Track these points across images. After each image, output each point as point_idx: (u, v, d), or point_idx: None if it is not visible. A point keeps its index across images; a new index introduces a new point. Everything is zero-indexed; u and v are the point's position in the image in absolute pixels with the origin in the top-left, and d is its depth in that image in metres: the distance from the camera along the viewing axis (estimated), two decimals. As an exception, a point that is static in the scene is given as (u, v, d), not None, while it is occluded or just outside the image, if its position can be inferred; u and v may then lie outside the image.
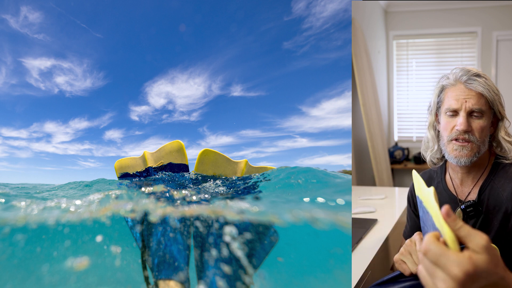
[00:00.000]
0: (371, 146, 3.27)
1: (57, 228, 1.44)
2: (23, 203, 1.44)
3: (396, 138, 4.29)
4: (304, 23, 5.68)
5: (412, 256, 0.91)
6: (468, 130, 0.98)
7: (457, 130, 0.99)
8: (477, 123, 0.99)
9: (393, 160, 4.08)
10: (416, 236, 0.87)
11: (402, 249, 0.93)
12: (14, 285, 1.51)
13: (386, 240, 1.45)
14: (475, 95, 0.98)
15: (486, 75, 1.01)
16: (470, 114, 0.99)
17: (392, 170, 3.99)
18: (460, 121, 0.98)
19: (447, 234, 0.57)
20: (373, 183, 3.46)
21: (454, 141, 1.00)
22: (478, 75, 1.00)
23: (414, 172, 0.81)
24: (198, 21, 6.17)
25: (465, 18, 3.95)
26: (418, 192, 0.79)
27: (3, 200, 1.50)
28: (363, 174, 3.52)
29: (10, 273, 1.54)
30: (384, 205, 1.99)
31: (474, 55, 4.00)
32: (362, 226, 1.54)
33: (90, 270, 1.38)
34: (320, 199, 1.33)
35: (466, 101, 0.98)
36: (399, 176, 4.18)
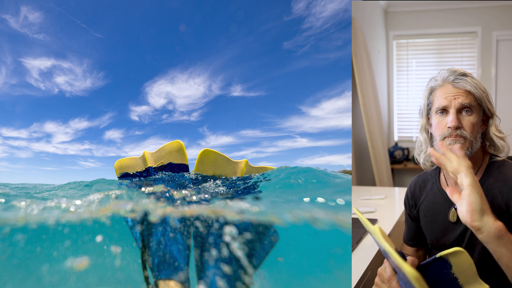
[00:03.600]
0: (371, 146, 3.27)
1: (57, 228, 1.44)
2: (23, 203, 1.44)
3: (396, 138, 4.29)
4: (304, 23, 5.68)
5: (386, 284, 0.91)
6: (459, 126, 1.00)
7: (448, 127, 1.01)
8: (467, 120, 1.01)
9: (393, 160, 4.08)
10: (385, 263, 0.89)
11: (376, 280, 0.94)
12: (14, 285, 1.51)
13: (386, 240, 1.45)
14: (463, 93, 1.01)
15: (472, 74, 1.04)
16: (460, 111, 1.01)
17: (392, 170, 3.99)
18: (450, 119, 1.00)
19: (406, 269, 0.71)
20: (373, 183, 3.46)
21: (446, 139, 1.02)
22: (464, 75, 1.03)
23: (356, 210, 0.90)
24: (198, 21, 6.17)
25: (465, 18, 3.96)
26: (366, 228, 0.86)
27: (3, 200, 1.50)
28: (363, 174, 3.52)
29: (10, 273, 1.54)
30: (384, 205, 1.99)
31: (474, 55, 4.00)
32: (362, 226, 1.54)
33: (90, 270, 1.38)
34: (320, 199, 1.33)
35: (455, 99, 1.01)
36: (399, 176, 4.18)
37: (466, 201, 0.81)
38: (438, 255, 0.81)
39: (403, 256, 0.85)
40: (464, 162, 0.83)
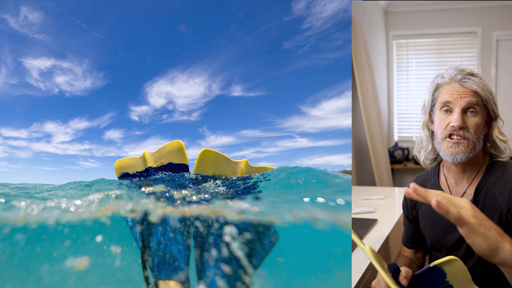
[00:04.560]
0: (371, 146, 3.27)
1: (57, 228, 1.44)
2: (23, 203, 1.44)
3: (396, 138, 4.29)
4: (304, 23, 5.68)
5: None
6: (463, 127, 0.98)
7: (452, 126, 0.99)
8: (471, 120, 0.99)
9: (393, 160, 4.08)
10: (379, 276, 0.89)
11: None
12: (14, 285, 1.51)
13: (386, 240, 1.45)
14: (470, 93, 0.99)
15: (479, 75, 1.02)
16: (465, 111, 0.99)
17: (392, 170, 3.99)
18: (455, 118, 0.99)
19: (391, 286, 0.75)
20: (373, 183, 3.46)
21: (448, 139, 1.01)
22: (472, 74, 1.01)
23: (352, 234, 0.89)
24: (198, 21, 6.18)
25: (465, 18, 3.95)
26: (358, 244, 0.87)
27: (3, 200, 1.50)
28: (363, 174, 3.52)
29: (10, 273, 1.54)
30: (384, 205, 1.99)
31: (474, 55, 4.00)
32: (362, 226, 1.54)
33: (90, 270, 1.38)
34: (320, 199, 1.33)
35: (461, 97, 0.99)
36: (399, 176, 4.18)
37: (474, 248, 0.73)
38: (432, 264, 0.83)
39: (397, 269, 0.86)
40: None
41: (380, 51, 3.98)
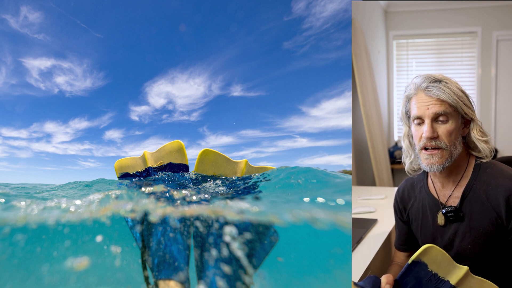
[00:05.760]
0: (371, 146, 3.27)
1: (57, 228, 1.44)
2: (23, 203, 1.44)
3: (396, 138, 4.29)
4: (304, 23, 5.68)
5: None
6: (434, 137, 0.98)
7: (424, 138, 0.99)
8: (443, 128, 0.98)
9: (393, 160, 4.08)
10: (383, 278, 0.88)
11: None
12: (14, 285, 1.51)
13: (386, 240, 1.45)
14: (436, 102, 0.98)
15: (447, 79, 1.00)
16: (435, 119, 0.99)
17: (392, 170, 3.99)
18: (425, 129, 0.98)
19: None
20: (373, 183, 3.46)
21: (423, 150, 1.01)
22: (437, 81, 0.99)
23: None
24: (198, 21, 6.18)
25: (465, 18, 3.96)
26: None
27: (3, 200, 1.50)
28: (363, 174, 3.52)
29: (10, 273, 1.54)
30: (384, 205, 1.98)
31: (474, 55, 4.00)
32: (362, 226, 1.54)
33: (90, 270, 1.38)
34: (320, 199, 1.33)
35: (428, 108, 0.98)
36: (399, 176, 4.18)
37: None
38: (410, 260, 0.82)
39: (377, 280, 0.85)
40: None
41: (380, 51, 3.98)
